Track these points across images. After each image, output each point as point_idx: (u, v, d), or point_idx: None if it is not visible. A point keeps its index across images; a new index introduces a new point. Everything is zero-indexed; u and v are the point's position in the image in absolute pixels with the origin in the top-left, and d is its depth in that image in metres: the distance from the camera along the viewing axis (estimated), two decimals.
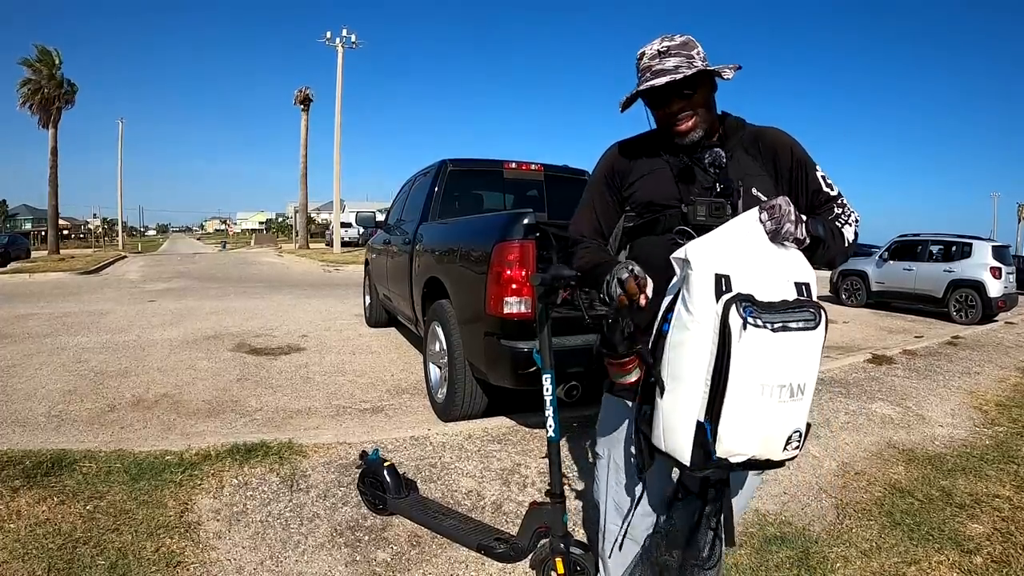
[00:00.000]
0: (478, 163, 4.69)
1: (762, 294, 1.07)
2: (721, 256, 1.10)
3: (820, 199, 1.41)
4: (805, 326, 1.06)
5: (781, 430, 1.07)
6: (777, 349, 1.04)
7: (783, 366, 1.05)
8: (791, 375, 1.05)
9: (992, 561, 2.12)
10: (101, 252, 29.40)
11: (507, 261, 2.81)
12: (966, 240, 10.08)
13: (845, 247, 1.36)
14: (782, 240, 1.17)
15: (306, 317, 7.35)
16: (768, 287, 1.09)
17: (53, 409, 3.58)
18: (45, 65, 25.48)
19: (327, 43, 25.33)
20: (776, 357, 1.04)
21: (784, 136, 1.45)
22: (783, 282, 1.12)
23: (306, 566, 1.97)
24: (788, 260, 1.17)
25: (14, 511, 2.11)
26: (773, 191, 1.37)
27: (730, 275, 1.08)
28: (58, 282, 12.61)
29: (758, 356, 1.03)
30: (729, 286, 1.07)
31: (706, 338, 1.06)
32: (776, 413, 1.05)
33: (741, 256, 1.11)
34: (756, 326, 1.02)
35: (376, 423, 3.48)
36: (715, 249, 1.12)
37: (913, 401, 4.17)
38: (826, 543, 2.22)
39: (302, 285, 12.22)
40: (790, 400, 1.05)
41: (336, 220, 26.44)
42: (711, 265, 1.09)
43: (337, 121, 25.38)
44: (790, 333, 1.04)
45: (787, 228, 1.17)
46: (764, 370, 1.04)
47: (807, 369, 1.08)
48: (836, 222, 1.37)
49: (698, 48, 1.37)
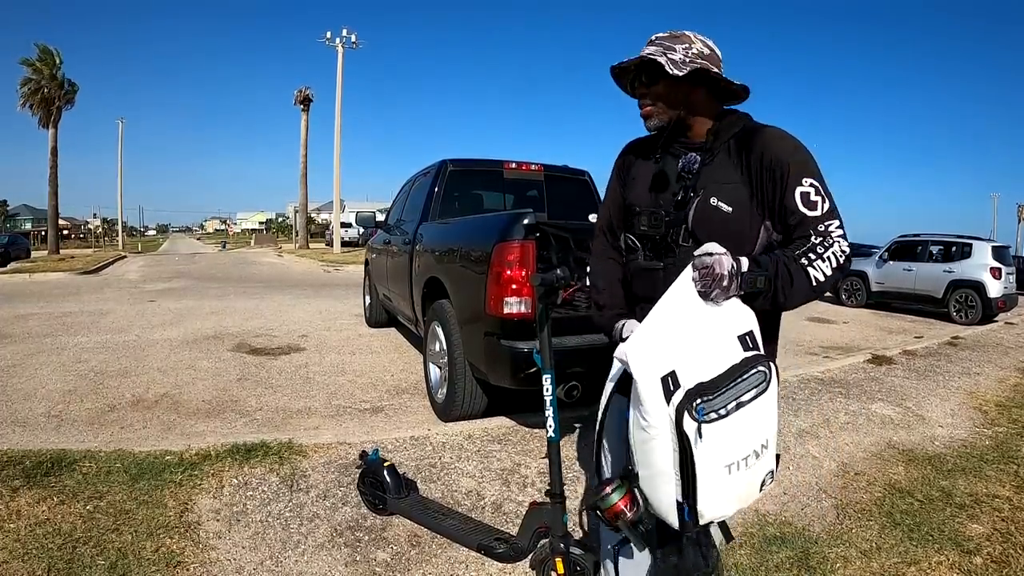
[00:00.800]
0: (478, 163, 4.69)
1: (710, 370, 1.06)
2: (662, 353, 1.06)
3: (792, 220, 1.23)
4: (758, 393, 1.07)
5: (755, 485, 1.11)
6: (736, 429, 1.05)
7: (745, 440, 1.07)
8: (754, 442, 1.08)
9: (992, 561, 2.12)
10: (101, 252, 29.40)
11: (507, 261, 2.81)
12: (966, 240, 10.08)
13: (808, 289, 1.17)
14: (713, 301, 1.11)
15: (306, 317, 7.35)
16: (714, 359, 1.07)
17: (53, 409, 3.58)
18: (46, 65, 25.50)
19: (327, 43, 25.34)
20: (737, 436, 1.05)
21: (775, 139, 1.29)
22: (728, 343, 1.10)
23: (306, 566, 1.97)
24: (729, 314, 1.12)
25: (14, 511, 2.11)
26: (746, 202, 1.26)
27: (676, 370, 1.05)
28: (58, 282, 12.61)
29: (720, 446, 1.04)
30: (677, 382, 1.04)
31: (666, 440, 1.05)
32: (747, 477, 1.09)
33: (682, 339, 1.07)
34: (712, 421, 1.02)
35: (376, 423, 3.48)
36: (654, 346, 1.07)
37: (913, 401, 4.17)
38: (826, 543, 2.22)
39: (302, 285, 12.22)
40: (757, 460, 1.08)
41: (336, 220, 26.44)
42: (654, 370, 1.05)
43: (337, 121, 25.39)
44: (745, 407, 1.05)
45: (715, 293, 1.10)
46: (728, 453, 1.05)
47: (768, 427, 1.09)
48: (802, 259, 1.18)
49: (690, 43, 1.29)
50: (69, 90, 26.24)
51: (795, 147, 1.28)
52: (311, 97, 31.09)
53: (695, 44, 1.29)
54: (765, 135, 1.29)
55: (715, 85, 1.33)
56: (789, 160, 1.25)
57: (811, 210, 1.22)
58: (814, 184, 1.23)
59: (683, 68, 1.26)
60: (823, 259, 1.18)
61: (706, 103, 1.34)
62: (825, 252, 1.18)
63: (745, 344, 1.11)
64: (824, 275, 1.17)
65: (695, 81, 1.29)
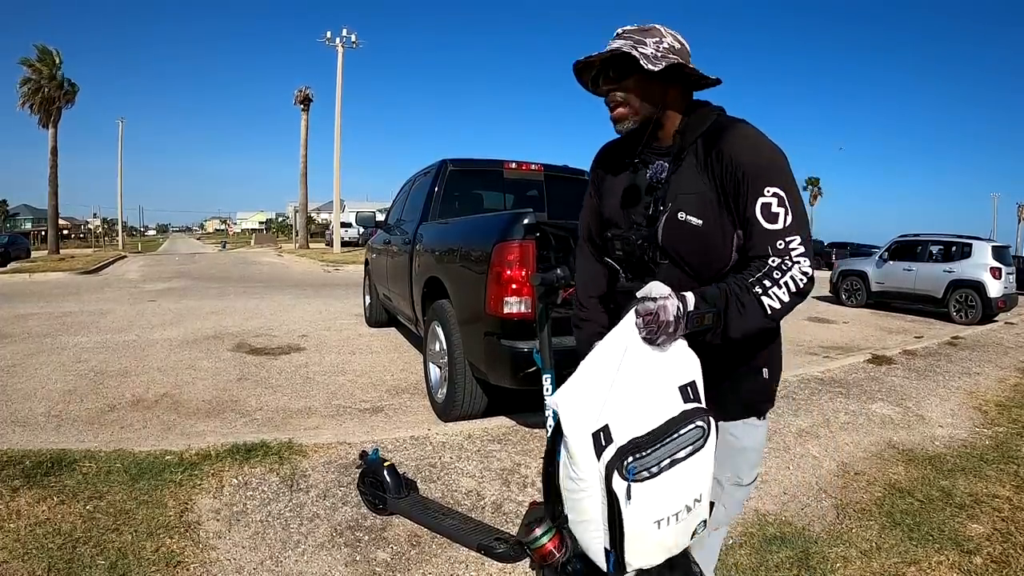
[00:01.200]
0: (478, 163, 4.69)
1: (646, 423, 1.00)
2: (595, 406, 1.00)
3: (751, 235, 1.12)
4: (694, 450, 1.01)
5: (685, 535, 1.06)
6: (668, 487, 1.00)
7: (678, 496, 1.01)
8: (687, 497, 1.02)
9: (992, 561, 2.12)
10: (101, 252, 29.40)
11: (507, 261, 2.81)
12: (966, 240, 10.08)
13: (761, 319, 1.07)
14: (659, 347, 1.03)
15: (306, 317, 7.35)
16: (652, 411, 1.01)
17: (53, 409, 3.58)
18: (45, 65, 25.50)
19: (327, 43, 25.34)
20: (669, 494, 1.00)
21: (739, 139, 1.16)
22: (667, 393, 1.03)
23: (306, 566, 1.97)
24: (671, 361, 1.05)
25: (14, 511, 2.11)
26: (716, 212, 1.15)
27: (609, 424, 0.98)
28: (58, 282, 12.61)
29: (650, 504, 0.99)
30: (609, 438, 0.98)
31: (596, 494, 1.00)
32: (677, 529, 1.04)
33: (619, 390, 1.00)
34: (643, 480, 0.97)
35: (376, 423, 3.48)
36: (587, 398, 1.01)
37: (913, 401, 4.17)
38: (826, 543, 2.22)
39: (302, 285, 12.22)
40: (689, 514, 1.03)
41: (336, 220, 26.45)
42: (585, 426, 0.99)
43: (337, 121, 25.40)
44: (679, 464, 1.00)
45: (661, 340, 1.02)
46: (659, 510, 1.00)
47: (702, 481, 1.04)
48: (756, 286, 1.07)
49: (661, 37, 1.18)
50: (69, 90, 26.24)
51: (759, 149, 1.16)
52: (311, 97, 31.11)
53: (666, 38, 1.19)
54: (730, 134, 1.17)
55: (688, 82, 1.23)
56: (751, 165, 1.13)
57: (771, 223, 1.10)
58: (778, 194, 1.11)
59: (658, 63, 1.15)
60: (779, 285, 1.08)
61: (679, 102, 1.24)
62: (782, 277, 1.08)
63: (686, 395, 1.04)
64: (780, 302, 1.07)
65: (669, 78, 1.19)
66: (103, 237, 55.13)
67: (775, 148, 1.18)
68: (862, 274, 11.12)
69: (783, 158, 1.18)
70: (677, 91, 1.23)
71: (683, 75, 1.21)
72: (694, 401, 1.05)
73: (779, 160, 1.16)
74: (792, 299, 1.09)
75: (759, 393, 1.30)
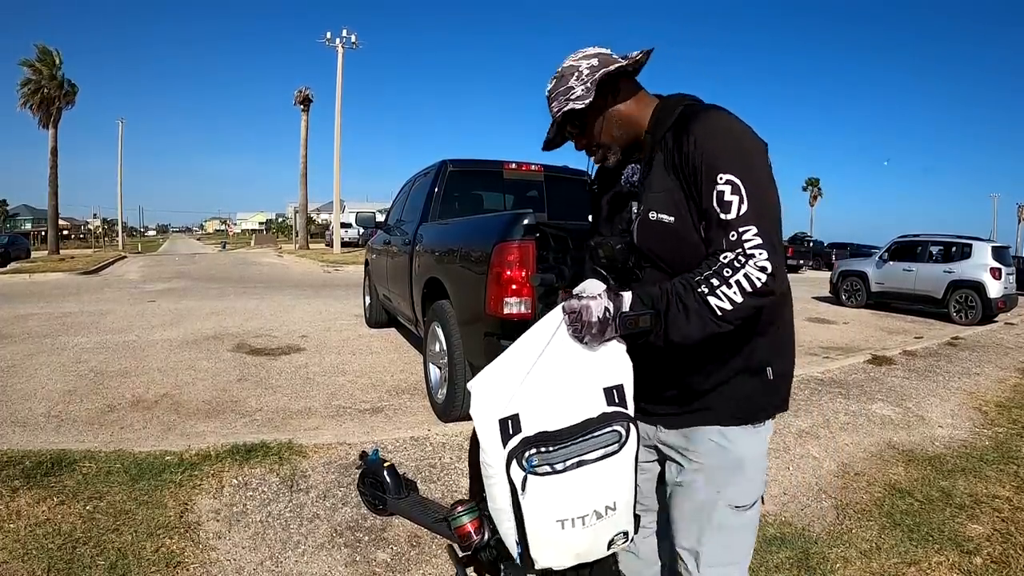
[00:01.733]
0: (478, 164, 4.69)
1: (560, 420, 0.96)
2: (508, 394, 0.98)
3: (708, 225, 1.04)
4: (606, 454, 0.96)
5: (599, 543, 1.01)
6: (571, 487, 0.95)
7: (583, 499, 0.96)
8: (596, 502, 0.97)
9: (992, 562, 2.12)
10: (101, 252, 29.40)
11: (507, 261, 2.81)
12: (966, 241, 10.09)
13: (711, 321, 0.99)
14: (587, 346, 0.99)
15: (306, 317, 7.35)
16: (569, 409, 0.97)
17: (53, 409, 3.58)
18: (45, 65, 25.51)
19: (327, 43, 25.35)
20: (572, 494, 0.96)
21: (699, 124, 1.08)
22: (590, 393, 0.99)
23: (306, 566, 1.97)
24: (601, 361, 1.00)
25: (14, 511, 2.11)
26: (686, 208, 1.08)
27: (519, 413, 0.96)
28: (58, 282, 12.62)
29: (548, 501, 0.95)
30: (518, 427, 0.96)
31: (502, 480, 0.97)
32: (586, 534, 0.98)
33: (537, 381, 0.98)
34: (542, 474, 0.93)
35: (376, 423, 3.48)
36: (500, 385, 1.00)
37: (913, 402, 4.17)
38: (826, 543, 2.22)
39: (302, 285, 12.22)
40: (599, 521, 0.98)
41: (336, 220, 26.45)
42: (493, 412, 0.98)
43: (337, 121, 25.40)
44: (587, 466, 0.95)
45: (587, 339, 0.98)
46: (560, 509, 0.96)
47: (618, 489, 0.99)
48: (702, 285, 0.99)
49: (577, 71, 1.14)
50: (69, 91, 26.25)
51: (717, 134, 1.06)
52: (311, 97, 31.11)
53: (581, 66, 1.15)
54: (692, 124, 1.09)
55: (628, 78, 1.19)
56: (708, 152, 1.04)
57: (725, 213, 1.01)
58: (732, 180, 1.01)
59: (589, 94, 1.12)
60: (729, 284, 0.97)
61: (635, 102, 1.19)
62: (733, 275, 0.97)
63: (610, 398, 0.99)
64: (732, 303, 0.97)
65: (606, 93, 1.16)
66: (103, 237, 55.10)
67: (738, 132, 1.09)
68: (862, 274, 11.11)
69: (748, 142, 1.08)
70: (624, 96, 1.18)
71: (616, 78, 1.16)
72: (618, 405, 0.99)
73: (740, 144, 1.07)
74: (747, 299, 0.97)
75: (760, 394, 1.15)
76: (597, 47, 1.20)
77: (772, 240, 1.00)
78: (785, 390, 1.19)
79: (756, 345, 1.13)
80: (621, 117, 1.18)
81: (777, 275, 0.98)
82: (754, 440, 1.16)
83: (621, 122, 1.19)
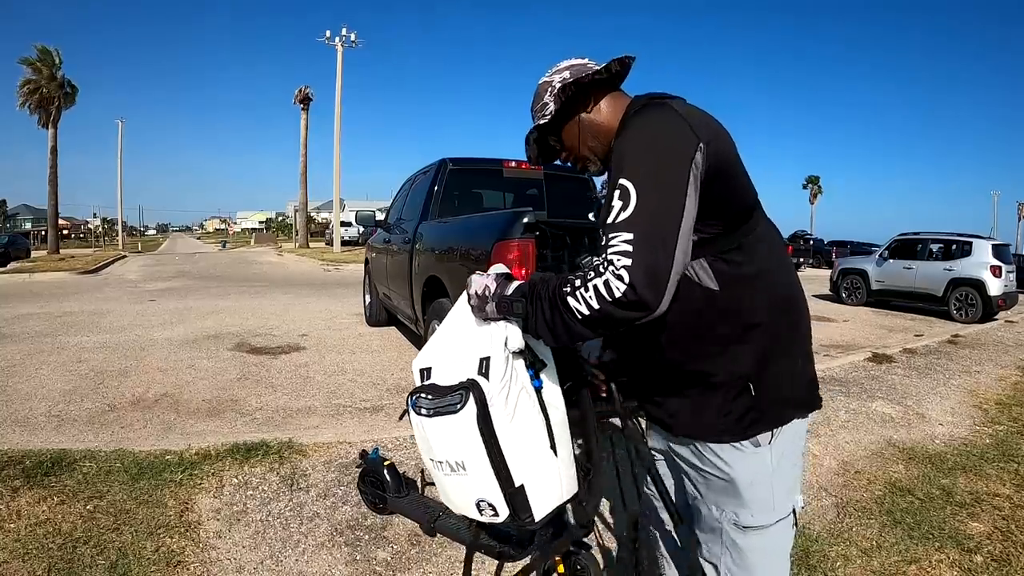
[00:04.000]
0: (478, 162, 4.69)
1: (449, 377, 1.10)
2: (431, 349, 1.19)
3: None
4: (444, 412, 1.08)
5: (463, 500, 1.14)
6: (427, 431, 1.11)
7: (433, 445, 1.11)
8: (442, 453, 1.11)
9: (992, 560, 2.12)
10: (101, 252, 29.41)
11: (507, 260, 2.81)
12: (966, 239, 10.07)
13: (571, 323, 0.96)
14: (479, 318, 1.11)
15: (306, 316, 7.35)
16: (456, 370, 1.10)
17: (53, 409, 3.57)
18: (45, 65, 25.49)
19: (327, 42, 25.34)
20: (427, 438, 1.12)
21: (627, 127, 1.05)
22: (470, 361, 1.09)
23: (306, 565, 1.97)
24: (482, 335, 1.10)
25: (14, 511, 2.11)
26: None
27: (432, 367, 1.15)
28: (58, 282, 12.61)
29: (419, 437, 1.15)
30: (428, 375, 1.15)
31: None
32: (448, 483, 1.14)
33: (447, 344, 1.17)
34: (417, 414, 1.11)
35: (376, 422, 3.48)
36: (433, 341, 1.21)
37: (913, 400, 4.17)
38: (826, 541, 2.22)
39: (302, 284, 12.22)
40: (452, 474, 1.11)
41: (336, 219, 26.45)
42: (417, 362, 1.18)
43: (337, 120, 25.40)
44: (436, 418, 1.09)
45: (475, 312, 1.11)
46: (425, 448, 1.14)
47: (459, 449, 1.09)
48: (567, 285, 0.96)
49: (551, 87, 1.15)
50: (69, 92, 26.24)
51: (632, 135, 1.02)
52: (311, 96, 31.11)
53: (553, 80, 1.16)
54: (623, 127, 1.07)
55: (599, 88, 1.17)
56: (617, 153, 1.01)
57: (608, 217, 0.95)
58: (622, 184, 0.95)
59: (556, 103, 1.14)
60: (587, 287, 0.93)
61: (609, 111, 1.17)
62: (594, 278, 0.92)
63: (480, 367, 1.07)
64: (587, 308, 0.93)
65: (576, 105, 1.16)
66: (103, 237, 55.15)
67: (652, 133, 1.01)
68: (862, 272, 11.11)
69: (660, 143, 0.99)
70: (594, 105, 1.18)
71: (585, 88, 1.16)
72: (482, 375, 1.07)
73: (649, 145, 0.99)
74: (599, 309, 0.92)
75: (742, 413, 1.07)
76: (574, 59, 1.20)
77: (646, 252, 0.90)
78: (769, 411, 1.09)
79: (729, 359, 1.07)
80: (593, 127, 1.18)
81: (639, 287, 0.89)
82: (745, 459, 1.09)
83: (594, 132, 1.18)
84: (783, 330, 1.11)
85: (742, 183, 1.08)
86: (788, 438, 1.15)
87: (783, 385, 1.11)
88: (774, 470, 1.12)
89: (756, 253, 1.07)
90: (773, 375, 1.09)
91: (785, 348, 1.11)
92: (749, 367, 1.07)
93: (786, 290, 1.12)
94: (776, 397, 1.10)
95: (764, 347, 1.07)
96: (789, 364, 1.12)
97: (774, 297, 1.09)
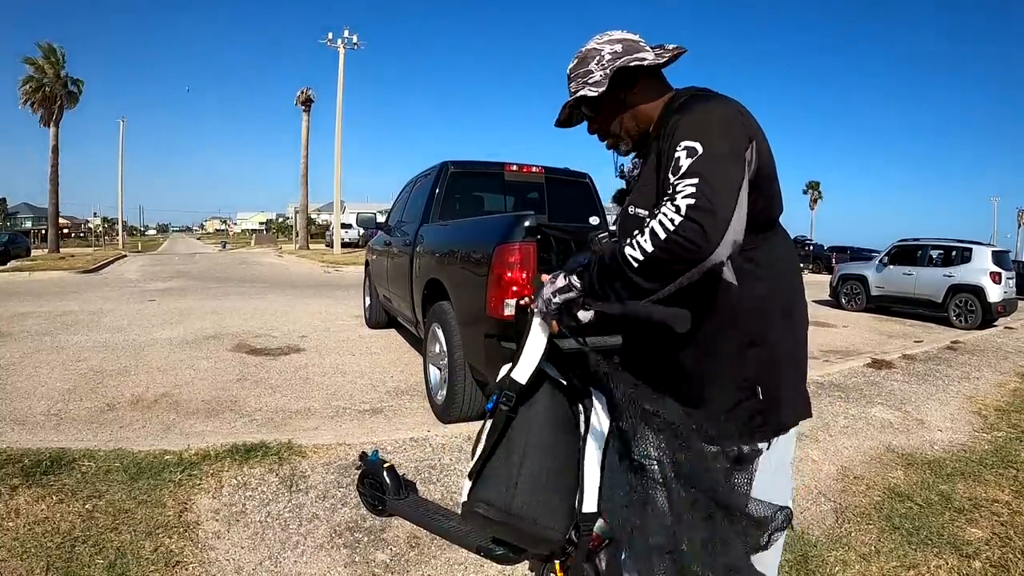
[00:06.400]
0: (479, 165, 4.70)
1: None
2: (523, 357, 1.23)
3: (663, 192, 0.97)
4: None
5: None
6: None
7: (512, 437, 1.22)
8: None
9: (991, 566, 2.12)
10: (101, 251, 29.40)
11: (508, 263, 2.81)
12: (966, 245, 10.09)
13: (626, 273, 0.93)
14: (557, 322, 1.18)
15: (306, 318, 7.35)
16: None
17: (52, 408, 3.57)
18: (49, 64, 25.52)
19: (328, 44, 25.40)
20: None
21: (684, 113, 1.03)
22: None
23: (305, 567, 1.97)
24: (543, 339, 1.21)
25: (13, 509, 2.11)
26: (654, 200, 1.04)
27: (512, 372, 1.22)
28: (58, 281, 12.61)
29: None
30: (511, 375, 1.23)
31: None
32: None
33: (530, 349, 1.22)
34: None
35: (375, 424, 3.48)
36: None
37: (912, 406, 4.17)
38: (825, 547, 2.22)
39: (302, 286, 12.22)
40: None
41: (336, 221, 26.46)
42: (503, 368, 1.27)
43: (338, 122, 25.43)
44: None
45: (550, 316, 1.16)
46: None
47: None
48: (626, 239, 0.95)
49: (599, 55, 1.14)
50: (74, 90, 26.25)
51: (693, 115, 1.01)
52: (312, 98, 31.16)
53: (603, 51, 1.15)
54: (679, 114, 1.04)
55: (649, 73, 1.17)
56: (677, 129, 1.00)
57: (674, 175, 0.93)
58: (689, 146, 0.94)
59: (603, 83, 1.14)
60: (643, 231, 0.90)
61: (652, 97, 1.17)
62: (649, 223, 0.90)
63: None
64: (643, 253, 0.90)
65: (622, 84, 1.16)
66: (103, 236, 55.14)
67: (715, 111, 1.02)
68: (862, 278, 11.12)
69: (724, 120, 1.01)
70: (641, 88, 1.18)
71: (635, 71, 1.15)
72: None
73: (712, 118, 1.00)
74: (652, 251, 0.89)
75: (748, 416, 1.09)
76: (625, 32, 1.19)
77: (709, 191, 0.89)
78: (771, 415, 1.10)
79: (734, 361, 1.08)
80: (635, 111, 1.19)
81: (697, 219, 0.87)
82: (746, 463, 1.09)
83: (635, 115, 1.19)
84: (790, 337, 1.14)
85: (776, 189, 1.12)
86: (783, 444, 1.16)
87: (786, 391, 1.13)
88: (772, 475, 1.13)
89: (774, 256, 1.11)
90: (780, 380, 1.11)
91: (791, 355, 1.14)
92: (758, 371, 1.09)
93: (794, 301, 1.16)
94: (780, 403, 1.11)
95: (773, 352, 1.10)
96: (793, 371, 1.15)
97: (785, 304, 1.12)
